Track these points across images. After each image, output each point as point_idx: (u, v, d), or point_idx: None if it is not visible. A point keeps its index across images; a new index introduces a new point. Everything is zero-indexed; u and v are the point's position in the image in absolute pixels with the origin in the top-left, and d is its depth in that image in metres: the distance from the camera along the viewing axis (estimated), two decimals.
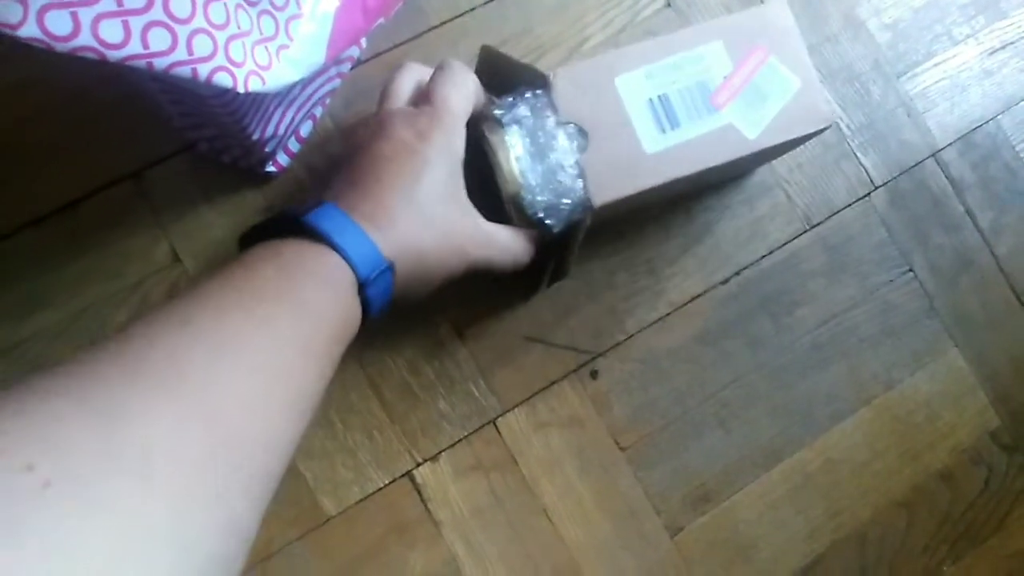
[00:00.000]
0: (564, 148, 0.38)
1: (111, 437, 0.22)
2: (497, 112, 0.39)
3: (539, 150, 0.39)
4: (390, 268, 0.34)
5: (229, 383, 0.26)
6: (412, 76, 0.40)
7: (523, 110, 0.39)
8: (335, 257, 0.33)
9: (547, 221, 0.39)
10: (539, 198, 0.39)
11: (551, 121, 0.39)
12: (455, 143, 0.38)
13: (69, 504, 0.20)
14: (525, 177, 0.39)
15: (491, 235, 0.39)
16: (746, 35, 0.40)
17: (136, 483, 0.21)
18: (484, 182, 0.40)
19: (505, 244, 0.40)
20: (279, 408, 0.28)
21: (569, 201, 0.39)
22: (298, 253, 0.32)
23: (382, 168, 0.36)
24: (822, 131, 0.41)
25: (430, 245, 0.36)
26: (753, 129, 0.40)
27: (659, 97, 0.39)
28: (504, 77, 0.41)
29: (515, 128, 0.39)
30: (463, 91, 0.38)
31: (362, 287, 0.33)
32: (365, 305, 0.34)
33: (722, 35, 0.40)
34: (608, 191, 0.38)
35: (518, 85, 0.40)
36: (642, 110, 0.39)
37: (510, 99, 0.39)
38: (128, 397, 0.23)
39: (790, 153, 0.51)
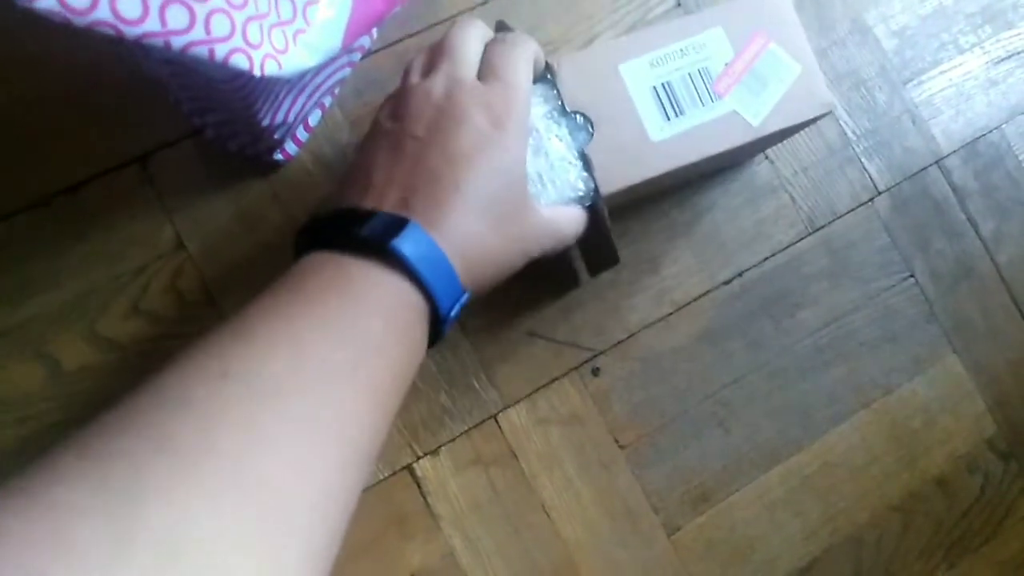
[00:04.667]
0: (570, 137, 0.38)
1: (130, 530, 0.19)
2: None
3: (543, 140, 0.38)
4: (468, 297, 0.32)
5: (276, 447, 0.23)
6: (480, 37, 0.36)
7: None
8: (413, 291, 0.29)
9: None
10: (546, 189, 0.38)
11: (557, 109, 0.39)
12: (526, 128, 0.35)
13: None
14: (530, 167, 0.38)
15: (551, 224, 0.36)
16: (746, 22, 0.41)
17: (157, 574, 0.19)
18: None
19: (564, 229, 0.37)
20: (336, 468, 0.24)
21: (579, 191, 0.38)
22: (372, 282, 0.29)
23: (461, 172, 0.31)
24: (823, 116, 0.42)
25: (503, 254, 0.33)
26: (756, 115, 0.40)
27: (663, 85, 0.40)
28: None
29: None
30: (531, 66, 0.36)
31: (436, 321, 0.31)
32: (431, 336, 0.31)
33: (722, 22, 0.41)
34: (616, 179, 0.38)
35: None
36: (647, 98, 0.39)
37: None
38: (154, 475, 0.20)
39: (795, 156, 0.51)
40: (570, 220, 0.38)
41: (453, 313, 0.31)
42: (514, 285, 0.47)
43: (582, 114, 0.39)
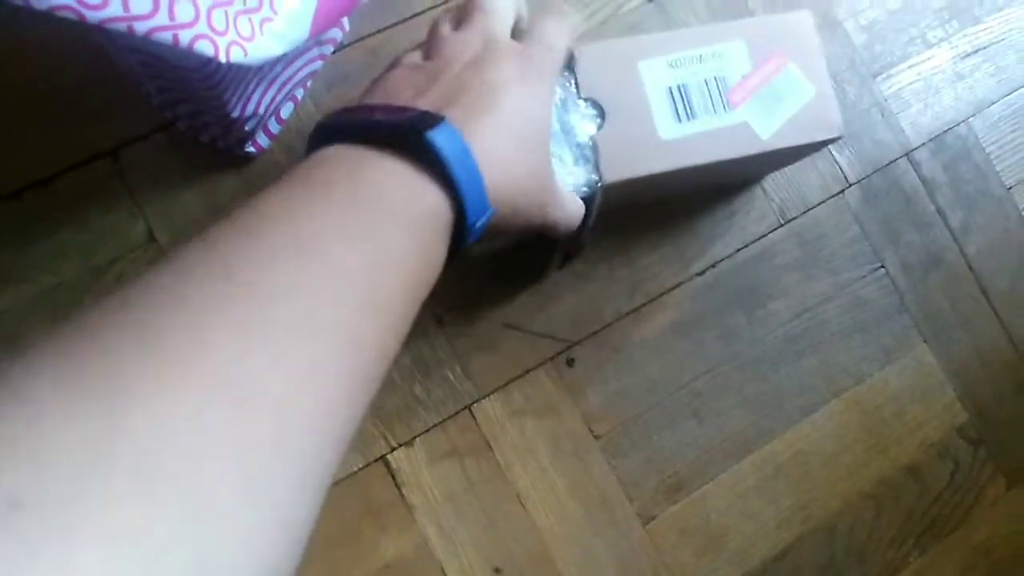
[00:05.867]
0: (580, 124, 0.39)
1: (104, 437, 0.17)
2: None
3: (553, 123, 0.38)
4: (492, 214, 0.29)
5: (276, 353, 0.20)
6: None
7: None
8: (440, 195, 0.27)
9: None
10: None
11: (571, 96, 0.39)
12: (554, 92, 0.34)
13: (42, 531, 0.15)
14: None
15: (564, 197, 0.35)
16: (768, 39, 0.41)
17: (135, 495, 0.17)
18: None
19: (571, 207, 0.36)
20: (340, 381, 0.22)
21: (581, 178, 0.39)
22: (394, 179, 0.26)
23: (498, 94, 0.30)
24: (832, 141, 0.42)
25: (524, 194, 0.31)
26: (766, 130, 0.40)
27: (679, 86, 0.40)
28: None
29: None
30: (568, 38, 0.35)
31: (458, 232, 0.28)
32: (449, 250, 0.29)
33: (745, 36, 0.41)
34: (619, 170, 0.39)
35: None
36: (662, 97, 0.40)
37: None
38: (139, 378, 0.18)
39: None
40: (576, 207, 0.37)
41: (478, 226, 0.29)
42: (489, 277, 0.48)
43: (595, 101, 0.39)
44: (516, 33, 0.36)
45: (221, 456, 0.18)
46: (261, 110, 0.42)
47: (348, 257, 0.23)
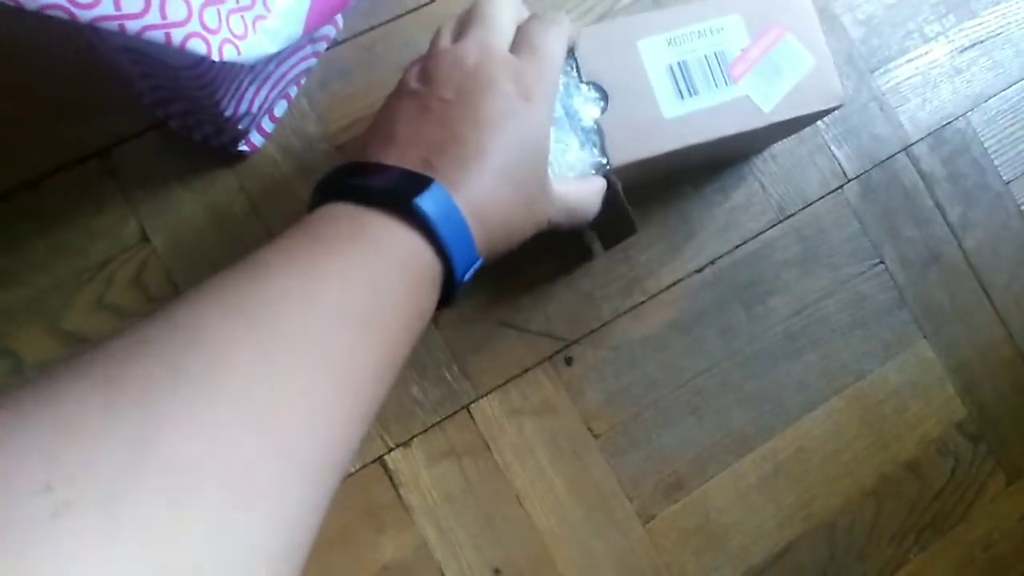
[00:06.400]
0: (584, 108, 0.38)
1: (142, 449, 0.18)
2: None
3: (557, 110, 0.38)
4: (481, 263, 0.32)
5: (287, 388, 0.22)
6: (514, 7, 0.36)
7: None
8: (430, 251, 0.29)
9: None
10: (556, 159, 0.38)
11: (573, 81, 0.39)
12: (554, 102, 0.35)
13: (90, 531, 0.17)
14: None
15: (564, 198, 0.36)
16: (765, 12, 0.41)
17: (170, 504, 0.18)
18: None
19: (579, 204, 0.37)
20: (340, 418, 0.24)
21: (588, 163, 0.38)
22: (388, 235, 0.28)
23: (486, 135, 0.31)
24: (833, 110, 0.42)
25: (518, 225, 0.33)
26: (768, 102, 0.41)
27: (679, 64, 0.40)
28: None
29: None
30: (565, 45, 0.36)
31: (448, 283, 0.30)
32: (443, 297, 0.31)
33: (741, 9, 0.41)
34: (626, 153, 0.39)
35: None
36: (663, 75, 0.40)
37: None
38: (165, 400, 0.20)
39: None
40: (585, 195, 0.37)
41: (467, 277, 0.31)
42: (485, 275, 0.47)
43: (597, 85, 0.39)
44: (515, 44, 0.36)
45: (242, 482, 0.20)
46: (255, 108, 0.41)
47: (348, 302, 0.25)
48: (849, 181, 0.53)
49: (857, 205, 0.53)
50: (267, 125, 0.45)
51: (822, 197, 0.52)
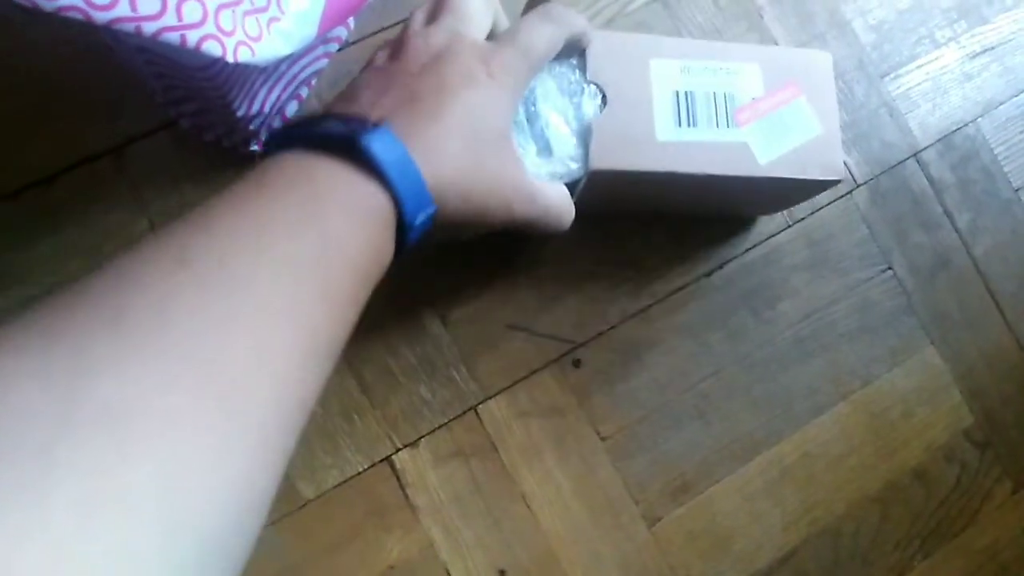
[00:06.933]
0: (581, 108, 0.38)
1: (74, 397, 0.18)
2: None
3: (552, 104, 0.38)
4: (435, 211, 0.31)
5: (232, 331, 0.22)
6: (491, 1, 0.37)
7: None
8: (382, 194, 0.29)
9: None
10: (542, 152, 0.38)
11: (576, 81, 0.39)
12: (521, 92, 0.35)
13: (16, 484, 0.16)
14: (531, 129, 0.38)
15: (537, 192, 0.36)
16: (785, 69, 0.41)
17: (106, 450, 0.18)
18: None
19: (550, 204, 0.37)
20: (294, 359, 0.24)
21: (570, 163, 0.38)
22: (336, 179, 0.28)
23: (447, 97, 0.32)
24: (829, 185, 0.42)
25: (477, 191, 0.33)
26: (765, 156, 0.40)
27: (686, 92, 0.39)
28: None
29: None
30: (555, 43, 0.36)
31: (401, 228, 0.30)
32: (396, 246, 0.31)
33: (762, 61, 0.41)
34: (609, 160, 0.38)
35: None
36: (666, 98, 0.39)
37: None
38: (104, 350, 0.20)
39: None
40: (561, 199, 0.37)
41: (418, 221, 0.30)
42: (494, 278, 0.47)
43: (599, 86, 0.39)
44: (495, 35, 0.36)
45: (186, 422, 0.20)
46: (266, 109, 0.41)
47: (299, 248, 0.25)
48: (858, 186, 0.53)
49: (866, 211, 0.53)
50: (278, 125, 0.45)
51: (831, 202, 0.52)
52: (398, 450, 0.46)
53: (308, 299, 0.25)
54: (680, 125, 0.39)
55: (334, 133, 0.29)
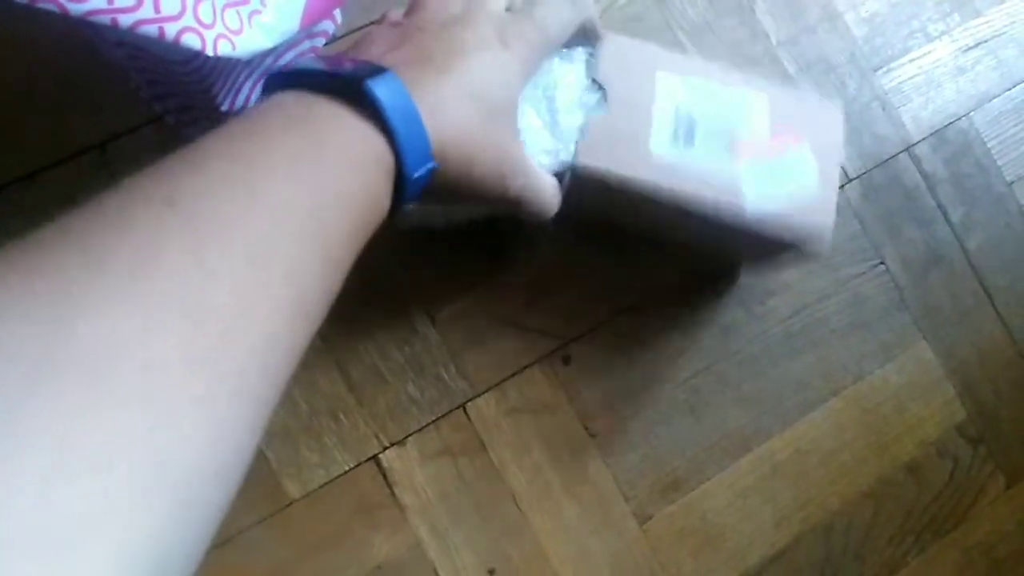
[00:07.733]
0: (582, 103, 0.38)
1: (56, 338, 0.18)
2: None
3: (556, 94, 0.38)
4: (435, 168, 0.30)
5: (222, 277, 0.21)
6: None
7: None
8: (382, 141, 0.28)
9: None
10: (539, 135, 0.38)
11: (584, 76, 0.38)
12: (533, 67, 0.35)
13: (5, 418, 0.16)
14: (534, 116, 0.38)
15: (532, 172, 0.35)
16: (794, 111, 0.40)
17: (88, 392, 0.17)
18: None
19: (541, 187, 0.36)
20: (283, 309, 0.23)
21: (560, 153, 0.38)
22: (339, 123, 0.27)
23: (459, 59, 0.31)
24: (807, 251, 0.40)
25: (478, 157, 0.32)
26: (754, 193, 0.39)
27: (688, 112, 0.39)
28: None
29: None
30: (571, 26, 0.36)
31: (399, 181, 0.29)
32: (392, 202, 0.30)
33: (772, 97, 0.40)
34: (596, 158, 0.38)
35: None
36: (668, 112, 0.39)
37: None
38: (87, 291, 0.19)
39: None
40: (552, 186, 0.37)
41: (417, 175, 0.29)
42: (482, 274, 0.47)
43: (603, 87, 0.38)
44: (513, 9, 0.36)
45: (171, 366, 0.19)
46: (251, 103, 0.41)
47: (293, 193, 0.24)
48: (850, 181, 0.53)
49: (858, 205, 0.53)
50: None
51: None
52: (385, 449, 0.45)
53: (301, 251, 0.24)
54: (675, 142, 0.38)
55: (339, 73, 0.28)
